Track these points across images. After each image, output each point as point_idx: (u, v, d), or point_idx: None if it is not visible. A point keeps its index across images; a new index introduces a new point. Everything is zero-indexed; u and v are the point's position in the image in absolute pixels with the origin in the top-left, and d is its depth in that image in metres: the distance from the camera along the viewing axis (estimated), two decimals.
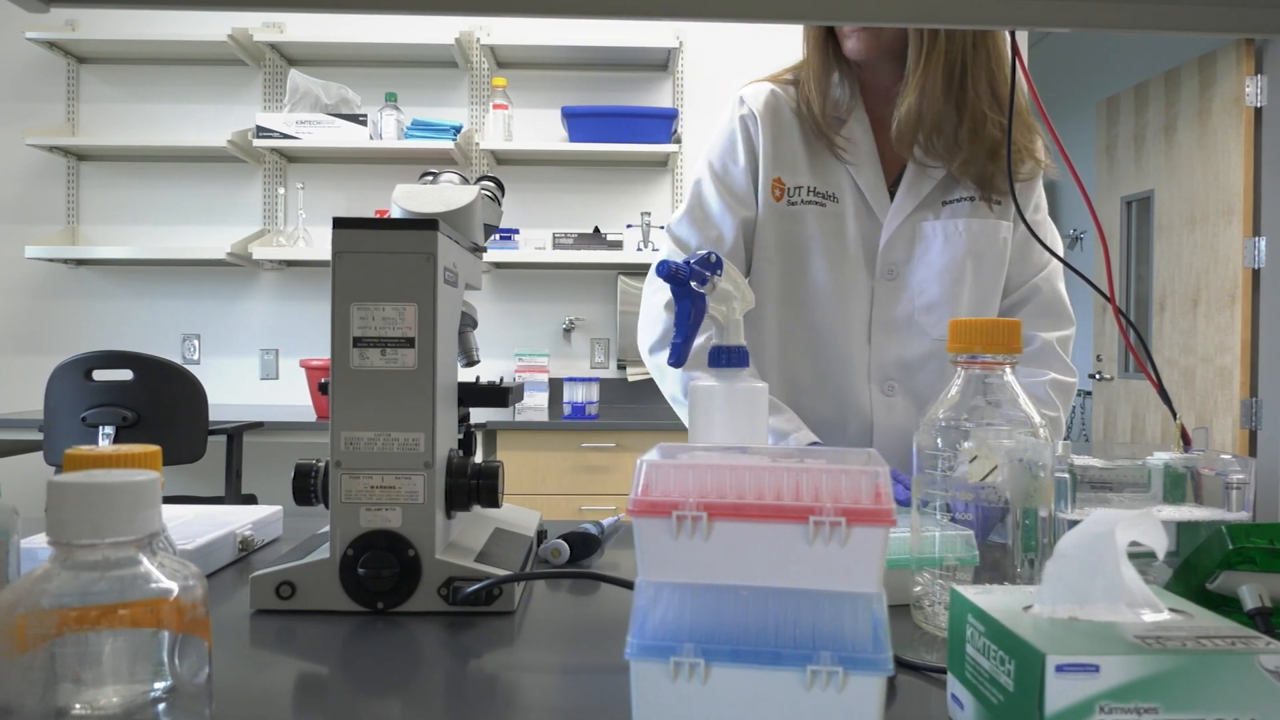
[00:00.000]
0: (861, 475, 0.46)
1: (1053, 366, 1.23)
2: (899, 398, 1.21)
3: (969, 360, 0.72)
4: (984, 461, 0.69)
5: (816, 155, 1.21)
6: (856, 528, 0.45)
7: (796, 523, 0.45)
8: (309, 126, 3.25)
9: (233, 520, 0.96)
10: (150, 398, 2.45)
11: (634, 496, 0.47)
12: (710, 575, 0.46)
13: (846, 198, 1.20)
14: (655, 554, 0.47)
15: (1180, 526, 0.87)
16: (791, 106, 1.22)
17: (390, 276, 0.75)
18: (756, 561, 0.46)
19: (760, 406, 0.75)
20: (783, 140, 1.21)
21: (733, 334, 0.75)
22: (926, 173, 1.19)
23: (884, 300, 1.20)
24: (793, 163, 1.21)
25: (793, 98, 1.23)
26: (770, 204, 1.21)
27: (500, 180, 1.11)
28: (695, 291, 0.73)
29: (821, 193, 1.20)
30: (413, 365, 0.75)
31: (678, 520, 0.46)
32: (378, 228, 0.75)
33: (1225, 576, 0.67)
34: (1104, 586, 0.47)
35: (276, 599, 0.76)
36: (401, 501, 0.75)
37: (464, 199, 0.93)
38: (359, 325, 0.75)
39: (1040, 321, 1.25)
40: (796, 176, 1.21)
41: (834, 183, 1.20)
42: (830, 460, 0.52)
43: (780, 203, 1.20)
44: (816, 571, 0.45)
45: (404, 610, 0.76)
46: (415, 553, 0.75)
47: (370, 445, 0.75)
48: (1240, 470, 0.84)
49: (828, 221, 1.19)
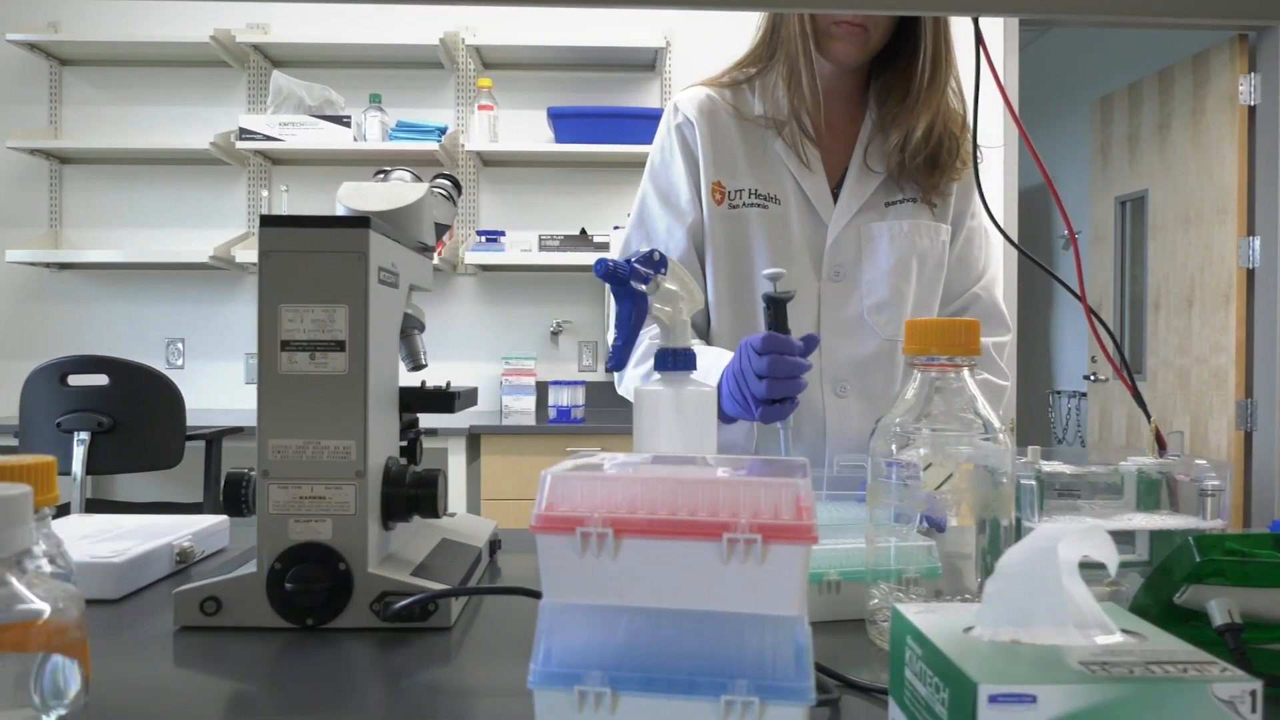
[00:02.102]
0: (782, 488, 0.42)
1: (986, 369, 1.24)
2: (852, 399, 1.20)
3: (926, 363, 0.69)
4: (938, 469, 0.65)
5: (757, 157, 1.20)
6: (774, 545, 0.41)
7: (710, 540, 0.42)
8: (292, 128, 3.22)
9: (172, 531, 0.92)
10: (126, 402, 2.41)
11: (536, 511, 0.43)
12: (619, 597, 0.43)
13: (789, 199, 1.19)
14: (560, 574, 0.43)
15: (1153, 535, 0.83)
16: (729, 110, 1.21)
17: (320, 277, 0.72)
18: (668, 582, 0.42)
19: (709, 412, 0.71)
20: (721, 143, 1.20)
21: (679, 336, 0.72)
22: (869, 175, 1.20)
23: (832, 301, 1.20)
24: (732, 166, 1.20)
25: (729, 101, 1.22)
26: (712, 208, 1.20)
27: (457, 180, 1.07)
28: (636, 291, 0.69)
29: (763, 194, 1.19)
30: (343, 370, 0.72)
31: (582, 537, 0.42)
32: (307, 226, 0.72)
33: (1193, 590, 0.64)
34: (1047, 608, 0.43)
35: (201, 615, 0.72)
36: (332, 513, 0.72)
37: (410, 196, 0.89)
38: (287, 328, 0.72)
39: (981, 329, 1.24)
40: (737, 179, 1.20)
41: (776, 184, 1.19)
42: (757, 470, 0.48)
43: (722, 206, 1.20)
44: (733, 593, 0.42)
45: (335, 627, 0.72)
46: (346, 566, 0.72)
47: (299, 454, 0.72)
48: (1215, 477, 0.80)
49: (771, 223, 1.18)
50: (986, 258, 1.27)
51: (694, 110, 1.21)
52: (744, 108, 1.22)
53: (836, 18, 1.09)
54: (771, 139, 1.20)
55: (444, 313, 3.53)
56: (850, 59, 1.13)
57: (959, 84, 1.16)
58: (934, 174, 1.17)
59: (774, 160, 1.19)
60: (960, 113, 1.17)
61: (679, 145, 1.22)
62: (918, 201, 1.20)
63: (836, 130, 1.21)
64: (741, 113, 1.21)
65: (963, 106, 1.17)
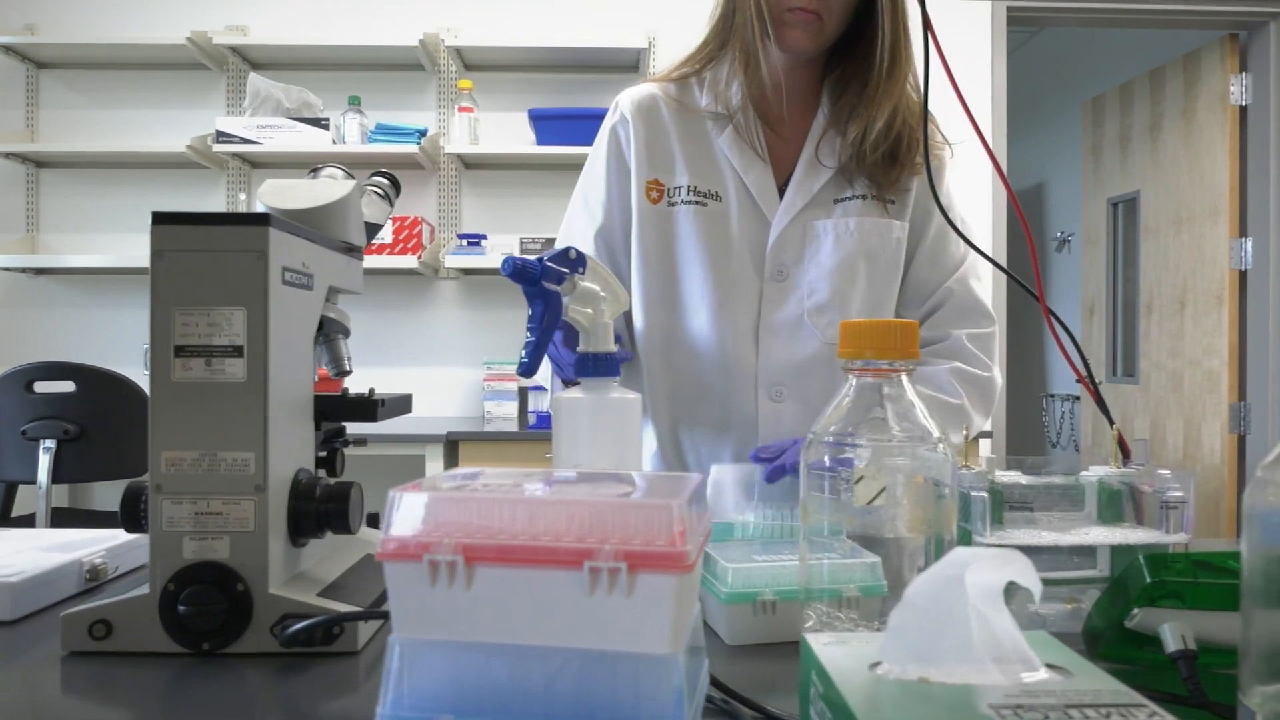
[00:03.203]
0: (655, 510, 0.37)
1: (960, 358, 1.18)
2: (788, 404, 1.15)
3: (861, 367, 0.64)
4: (871, 482, 0.61)
5: (699, 153, 1.17)
6: (642, 575, 0.36)
7: (571, 569, 0.37)
8: (270, 131, 3.17)
9: (83, 546, 0.87)
10: (93, 410, 2.37)
11: (383, 536, 0.39)
12: (474, 631, 0.38)
13: (731, 196, 1.15)
14: (410, 606, 0.39)
15: (1114, 551, 0.78)
16: (672, 106, 1.18)
17: (216, 278, 0.67)
18: (528, 616, 0.38)
19: (633, 420, 0.67)
20: (658, 141, 1.17)
21: (601, 339, 0.67)
22: (818, 170, 1.15)
23: (773, 302, 1.15)
24: (669, 163, 1.17)
25: (674, 96, 1.18)
26: (646, 208, 1.17)
27: (396, 178, 1.03)
28: (549, 291, 0.65)
29: (703, 192, 1.15)
30: (241, 377, 0.67)
31: (430, 566, 0.37)
32: (201, 223, 0.67)
33: (1145, 614, 0.59)
34: (953, 645, 0.38)
35: (90, 639, 0.67)
36: (230, 529, 0.67)
37: (334, 194, 0.85)
38: (181, 332, 0.67)
39: (957, 322, 1.20)
40: (675, 177, 1.16)
41: (717, 181, 1.15)
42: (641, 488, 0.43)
43: (659, 205, 1.16)
44: (599, 628, 0.37)
45: (233, 652, 0.67)
46: (245, 587, 0.67)
47: (194, 467, 0.67)
48: (1178, 487, 0.76)
49: (709, 221, 1.14)
50: (964, 250, 1.21)
51: (631, 108, 1.18)
52: (689, 102, 1.18)
53: (790, 4, 1.04)
54: (716, 134, 1.16)
55: (425, 317, 3.49)
56: (804, 47, 1.08)
57: (918, 77, 1.11)
58: (892, 169, 1.12)
59: (717, 156, 1.15)
60: (917, 108, 1.13)
61: (609, 145, 1.19)
62: (869, 199, 1.15)
63: (788, 125, 1.17)
64: (686, 107, 1.17)
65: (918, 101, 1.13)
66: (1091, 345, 4.56)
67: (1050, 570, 0.79)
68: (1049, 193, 5.45)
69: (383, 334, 3.47)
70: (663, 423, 1.19)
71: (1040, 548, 0.75)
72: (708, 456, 1.18)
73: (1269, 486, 0.45)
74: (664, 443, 1.19)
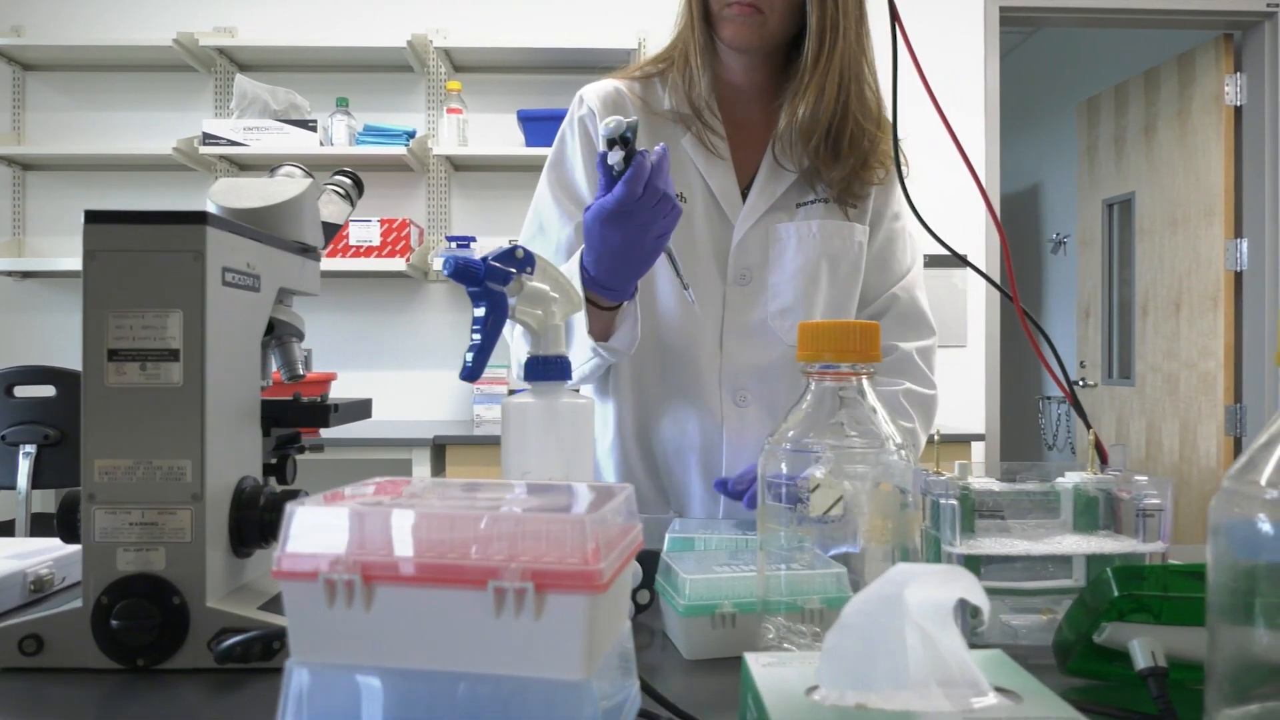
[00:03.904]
0: (566, 526, 0.35)
1: (909, 376, 1.17)
2: (752, 408, 1.13)
3: (821, 371, 0.62)
4: (828, 491, 0.58)
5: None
6: (551, 595, 0.34)
7: (475, 589, 0.34)
8: (257, 133, 3.15)
9: (33, 555, 0.85)
10: (74, 414, 2.32)
11: (277, 554, 0.36)
12: (375, 655, 0.36)
13: (696, 198, 1.13)
14: (306, 628, 0.36)
15: (1090, 561, 0.76)
16: (636, 104, 1.15)
17: (151, 279, 0.65)
18: (431, 638, 0.35)
19: (585, 426, 0.64)
20: None
21: (551, 342, 0.65)
22: (781, 174, 1.13)
23: (737, 305, 1.13)
24: None
25: (638, 95, 1.16)
26: None
27: (358, 178, 1.00)
28: (494, 291, 0.62)
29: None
30: (177, 381, 0.64)
31: (327, 585, 0.35)
32: (136, 222, 0.65)
33: (1114, 629, 0.56)
34: (888, 669, 0.36)
35: (20, 655, 0.65)
36: (166, 540, 0.65)
37: (287, 193, 0.82)
38: (115, 335, 0.65)
39: (899, 331, 1.20)
40: None
41: (682, 182, 1.13)
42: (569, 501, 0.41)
43: None
44: (506, 652, 0.35)
45: (169, 668, 0.65)
46: (181, 600, 0.64)
47: (129, 475, 0.64)
48: (1155, 495, 0.73)
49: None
50: (911, 259, 1.21)
51: (598, 102, 1.15)
52: (653, 102, 1.16)
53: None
54: (679, 135, 1.13)
55: (415, 321, 3.46)
56: (744, 42, 1.06)
57: (875, 76, 1.09)
58: (835, 165, 1.10)
59: (681, 157, 1.13)
60: (875, 108, 1.11)
61: (580, 138, 1.16)
62: (829, 202, 1.14)
63: (748, 128, 1.15)
64: (650, 107, 1.15)
65: (878, 103, 1.11)
66: (1087, 347, 4.54)
67: (1024, 580, 0.76)
68: (1044, 194, 5.43)
69: (371, 337, 3.45)
70: (627, 425, 1.17)
71: (1013, 557, 0.73)
72: (674, 460, 1.16)
73: (1234, 497, 0.42)
74: (627, 445, 1.17)
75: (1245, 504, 0.42)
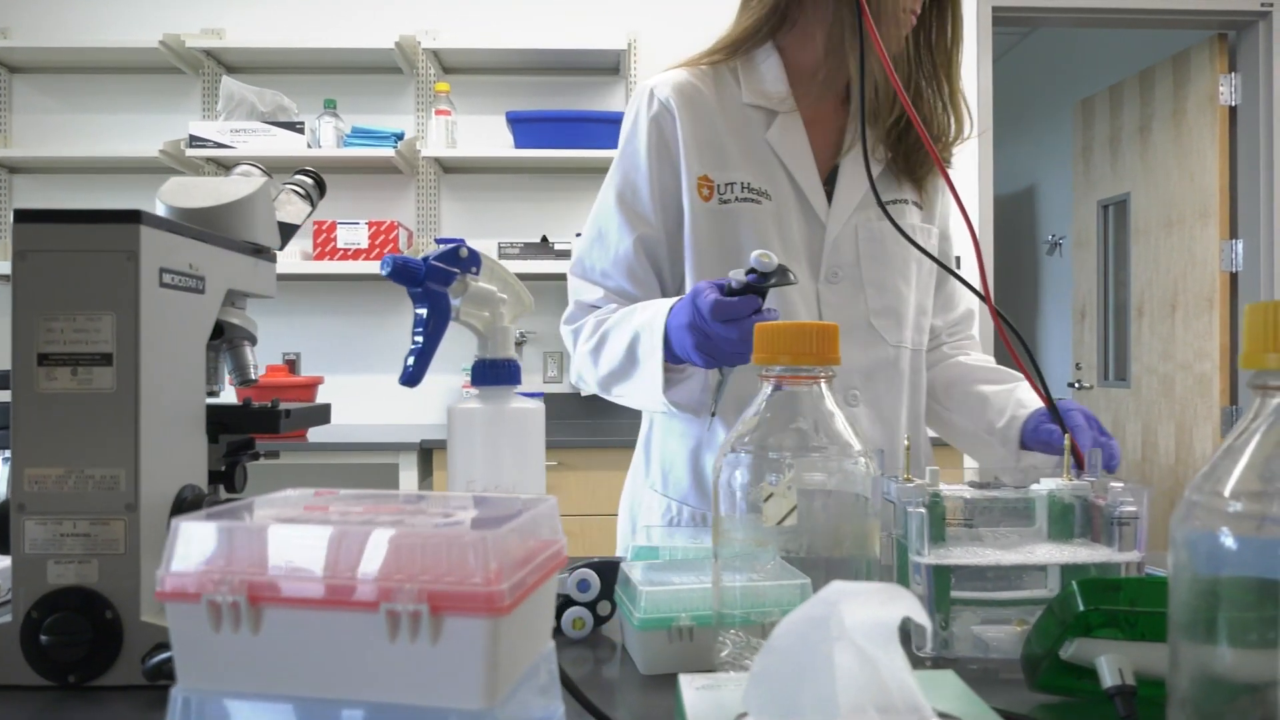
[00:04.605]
0: (466, 544, 0.32)
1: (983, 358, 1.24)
2: (862, 408, 1.10)
3: (779, 374, 0.59)
4: (781, 500, 0.55)
5: (747, 148, 1.08)
6: (449, 618, 0.31)
7: (367, 611, 0.32)
8: (244, 135, 3.12)
9: None
10: None
11: (160, 573, 0.34)
12: (264, 682, 0.33)
13: (783, 194, 1.08)
14: (192, 652, 0.34)
15: (1064, 571, 0.73)
16: (712, 95, 1.09)
17: (83, 280, 0.62)
18: (323, 664, 0.33)
19: (534, 432, 0.62)
20: (706, 133, 1.08)
21: (500, 344, 0.62)
22: (860, 172, 1.09)
23: (833, 305, 1.09)
24: (720, 157, 1.08)
25: (712, 85, 1.10)
26: (698, 205, 1.08)
27: (320, 178, 0.98)
28: (436, 293, 0.60)
29: (756, 189, 1.07)
30: (110, 387, 0.62)
31: (211, 607, 0.32)
32: (67, 221, 0.62)
33: (1081, 644, 0.54)
34: (814, 697, 0.33)
35: None
36: (99, 552, 0.62)
37: (238, 191, 0.80)
38: (45, 339, 0.62)
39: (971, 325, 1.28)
40: (727, 172, 1.07)
41: (767, 178, 1.08)
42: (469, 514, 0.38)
43: (710, 202, 1.07)
44: (403, 679, 0.32)
45: (102, 684, 0.62)
46: (114, 614, 0.62)
47: (59, 484, 0.62)
48: (1131, 502, 0.70)
49: (765, 220, 1.07)
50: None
51: (674, 96, 1.08)
52: (729, 93, 1.10)
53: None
54: (760, 128, 1.08)
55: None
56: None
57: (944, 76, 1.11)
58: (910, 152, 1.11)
59: (765, 152, 1.08)
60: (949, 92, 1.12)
61: (652, 140, 1.08)
62: (910, 203, 1.13)
63: (821, 121, 1.12)
64: (727, 98, 1.09)
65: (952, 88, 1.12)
66: (1083, 349, 4.51)
67: (997, 590, 0.74)
68: (1040, 195, 5.40)
69: (359, 340, 3.42)
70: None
71: (983, 567, 0.70)
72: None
73: (1196, 509, 0.40)
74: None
75: (1207, 516, 0.39)
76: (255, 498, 0.40)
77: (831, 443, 0.58)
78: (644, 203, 1.09)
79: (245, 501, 0.39)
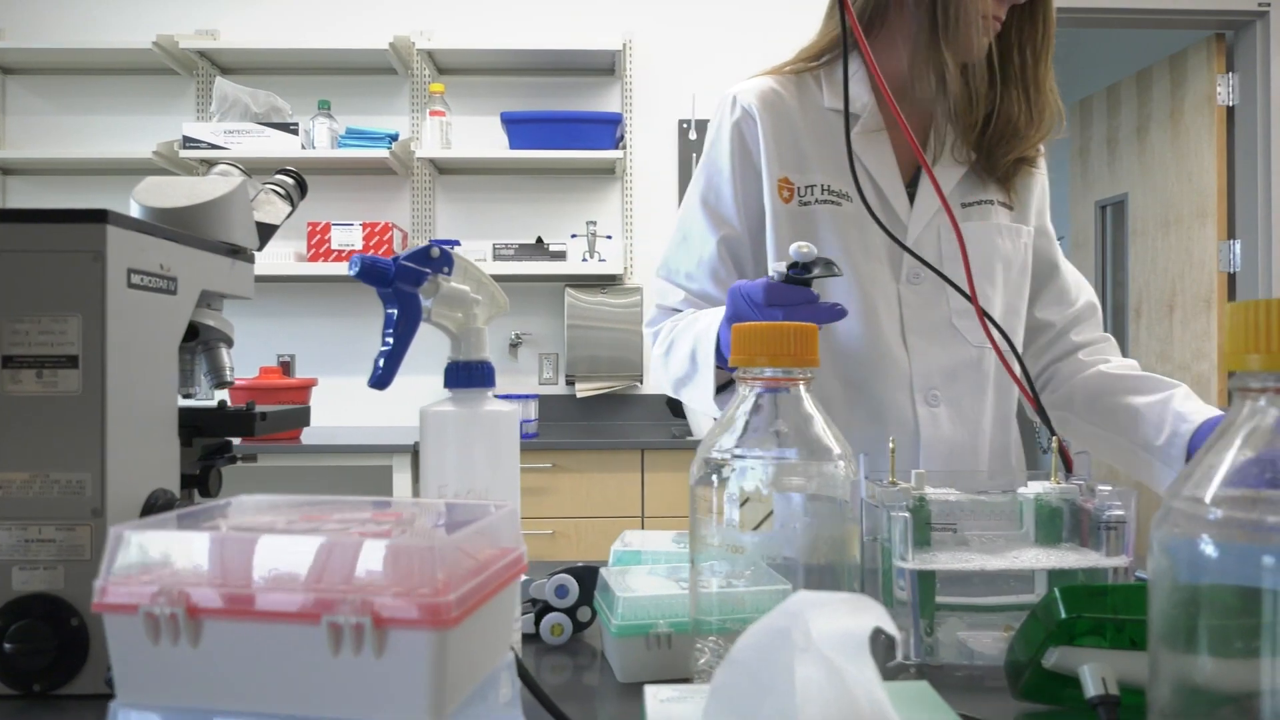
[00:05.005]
0: (412, 554, 0.31)
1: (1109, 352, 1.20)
2: (943, 408, 1.10)
3: (756, 376, 0.58)
4: (757, 505, 0.54)
5: (829, 152, 1.11)
6: (393, 632, 0.30)
7: (309, 624, 0.31)
8: (238, 136, 3.12)
9: None
10: None
11: (99, 583, 0.32)
12: (204, 697, 0.32)
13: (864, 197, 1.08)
14: (131, 665, 0.32)
15: (1051, 576, 0.72)
16: (794, 100, 1.12)
17: (48, 281, 0.61)
18: (264, 679, 0.31)
19: (509, 437, 0.60)
20: (786, 137, 1.11)
21: (473, 346, 0.61)
22: (946, 171, 1.12)
23: (914, 305, 1.10)
24: (800, 160, 1.11)
25: (793, 91, 1.13)
26: (779, 207, 1.10)
27: (301, 178, 0.97)
28: (406, 293, 0.58)
29: (836, 191, 1.10)
30: (76, 389, 0.61)
31: (149, 619, 0.31)
32: (31, 221, 0.61)
33: (1063, 653, 0.53)
34: (775, 711, 0.32)
35: None
36: (64, 558, 0.61)
37: (214, 191, 0.79)
38: (10, 341, 0.61)
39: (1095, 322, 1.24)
40: (807, 175, 1.11)
41: (846, 181, 1.09)
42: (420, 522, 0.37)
43: (790, 204, 1.10)
44: (344, 694, 0.31)
45: (67, 693, 0.61)
46: (80, 622, 0.61)
47: (24, 489, 0.61)
48: (1119, 506, 0.69)
49: (845, 222, 1.09)
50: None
51: (756, 102, 1.11)
52: (811, 98, 1.13)
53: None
54: (842, 132, 1.08)
55: None
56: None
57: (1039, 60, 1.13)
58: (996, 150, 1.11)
59: (842, 155, 1.08)
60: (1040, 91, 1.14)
61: (734, 144, 1.12)
62: (996, 204, 1.13)
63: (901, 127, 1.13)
64: (809, 103, 1.12)
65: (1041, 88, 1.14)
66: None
67: (983, 595, 0.72)
68: None
69: (353, 342, 3.41)
70: None
71: (969, 572, 0.69)
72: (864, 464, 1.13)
73: (1176, 515, 0.39)
74: None
75: (1187, 523, 0.38)
76: (206, 504, 0.39)
77: (811, 446, 0.57)
78: (727, 205, 1.13)
79: (197, 508, 0.38)
